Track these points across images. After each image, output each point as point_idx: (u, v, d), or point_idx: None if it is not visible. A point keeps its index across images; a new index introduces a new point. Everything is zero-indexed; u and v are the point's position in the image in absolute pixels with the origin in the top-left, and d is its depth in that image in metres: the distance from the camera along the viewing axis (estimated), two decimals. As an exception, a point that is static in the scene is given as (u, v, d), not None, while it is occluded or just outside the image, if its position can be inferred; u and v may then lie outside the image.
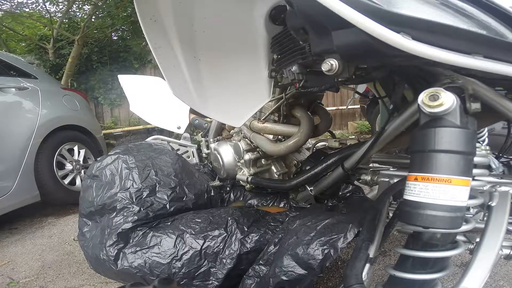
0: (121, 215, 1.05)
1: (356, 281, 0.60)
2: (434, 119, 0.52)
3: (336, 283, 1.26)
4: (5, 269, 1.58)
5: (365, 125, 5.54)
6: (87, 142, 2.56)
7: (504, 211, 0.65)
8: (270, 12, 0.80)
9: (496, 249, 0.62)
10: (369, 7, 0.44)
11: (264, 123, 1.24)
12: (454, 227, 0.51)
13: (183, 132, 2.20)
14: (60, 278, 1.47)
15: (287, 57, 0.78)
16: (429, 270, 0.58)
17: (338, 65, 0.59)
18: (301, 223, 0.87)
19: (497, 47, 0.45)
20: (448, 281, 1.22)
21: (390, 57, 0.47)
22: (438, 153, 0.51)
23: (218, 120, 1.09)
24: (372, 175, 0.93)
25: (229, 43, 0.85)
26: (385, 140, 0.88)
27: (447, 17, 0.47)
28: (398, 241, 1.54)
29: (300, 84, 0.79)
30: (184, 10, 0.76)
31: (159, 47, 0.80)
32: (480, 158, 0.66)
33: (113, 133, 4.91)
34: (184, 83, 0.86)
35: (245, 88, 0.93)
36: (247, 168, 1.36)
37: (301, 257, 0.77)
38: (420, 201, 0.52)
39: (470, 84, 0.57)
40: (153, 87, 2.35)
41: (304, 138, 1.13)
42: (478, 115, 0.53)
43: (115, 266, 0.96)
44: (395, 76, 0.85)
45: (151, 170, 1.16)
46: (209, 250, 0.94)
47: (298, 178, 1.14)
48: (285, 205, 1.36)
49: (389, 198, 0.79)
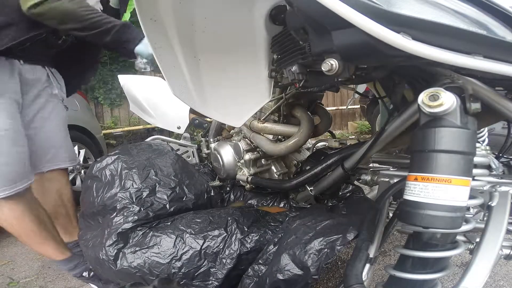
0: (121, 215, 1.05)
1: (356, 281, 0.60)
2: (434, 119, 0.52)
3: (336, 283, 1.26)
4: (5, 269, 1.58)
5: (365, 125, 5.54)
6: (87, 142, 2.56)
7: (504, 211, 0.65)
8: (270, 12, 0.80)
9: (496, 249, 0.62)
10: (369, 7, 0.44)
11: (264, 123, 1.24)
12: (454, 227, 0.51)
13: (183, 132, 2.20)
14: (60, 278, 1.47)
15: (287, 57, 0.78)
16: (429, 270, 0.58)
17: (338, 65, 0.59)
18: (301, 223, 0.87)
19: (497, 47, 0.45)
20: (448, 281, 1.22)
21: (390, 57, 0.47)
22: (438, 153, 0.51)
23: (218, 120, 1.09)
24: (372, 175, 0.93)
25: (229, 43, 0.85)
26: (385, 140, 0.88)
27: (447, 17, 0.47)
28: (398, 241, 1.54)
29: (300, 84, 0.79)
30: (184, 10, 0.76)
31: (159, 47, 0.80)
32: (480, 158, 0.66)
33: (113, 133, 4.90)
34: (184, 83, 0.86)
35: (245, 88, 0.93)
36: (247, 168, 1.36)
37: (298, 256, 0.77)
38: (420, 201, 0.52)
39: (470, 84, 0.57)
40: (153, 87, 2.35)
41: (304, 138, 1.13)
42: (478, 115, 0.53)
43: (114, 266, 0.96)
44: (395, 76, 0.85)
45: (151, 170, 1.16)
46: (209, 250, 0.94)
47: (298, 178, 1.14)
48: (285, 205, 1.36)
49: (389, 198, 0.79)
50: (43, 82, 1.26)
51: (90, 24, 1.04)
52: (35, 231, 1.19)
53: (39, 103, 1.25)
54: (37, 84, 1.24)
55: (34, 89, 1.23)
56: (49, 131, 1.29)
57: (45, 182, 1.32)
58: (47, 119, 1.28)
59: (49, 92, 1.28)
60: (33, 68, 1.22)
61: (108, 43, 1.10)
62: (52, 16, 1.03)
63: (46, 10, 1.02)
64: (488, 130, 1.23)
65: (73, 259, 1.32)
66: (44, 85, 1.26)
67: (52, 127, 1.30)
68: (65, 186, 1.39)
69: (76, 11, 1.03)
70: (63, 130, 1.36)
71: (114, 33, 1.06)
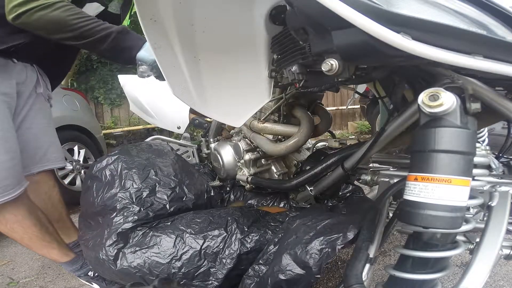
0: (121, 215, 1.05)
1: (356, 281, 0.60)
2: (434, 119, 0.52)
3: (336, 283, 1.26)
4: (5, 269, 1.58)
5: (365, 125, 5.55)
6: (87, 142, 2.56)
7: (504, 211, 0.65)
8: (270, 12, 0.80)
9: (496, 249, 0.62)
10: (369, 7, 0.44)
11: (264, 123, 1.24)
12: (454, 227, 0.51)
13: (183, 132, 2.20)
14: (60, 278, 1.47)
15: (287, 57, 0.78)
16: (429, 270, 0.58)
17: (338, 65, 0.59)
18: (301, 223, 0.87)
19: (497, 47, 0.45)
20: (448, 281, 1.22)
21: (390, 57, 0.47)
22: (438, 153, 0.51)
23: (218, 120, 1.09)
24: (372, 175, 0.93)
25: (229, 43, 0.85)
26: (385, 140, 0.88)
27: (447, 17, 0.47)
28: (398, 241, 1.54)
29: (300, 84, 0.79)
30: (184, 10, 0.76)
31: (159, 47, 0.80)
32: (480, 158, 0.66)
33: (113, 133, 4.91)
34: (184, 83, 0.86)
35: (245, 88, 0.93)
36: (247, 168, 1.36)
37: (299, 256, 0.77)
38: (420, 201, 0.52)
39: (470, 84, 0.57)
40: (153, 87, 2.35)
41: (304, 138, 1.13)
42: (478, 115, 0.53)
43: (114, 266, 0.96)
44: (395, 76, 0.85)
45: (150, 170, 1.16)
46: (209, 250, 0.94)
47: (298, 178, 1.14)
48: (285, 205, 1.36)
49: (389, 198, 0.79)
50: (34, 81, 1.21)
51: (82, 32, 0.96)
52: (38, 235, 1.18)
53: (29, 103, 1.21)
54: (30, 83, 1.20)
55: (27, 89, 1.19)
56: (37, 131, 1.24)
57: (33, 184, 1.26)
58: (34, 118, 1.23)
59: (36, 91, 1.23)
60: (25, 66, 1.17)
61: (104, 52, 1.01)
62: (38, 26, 0.95)
63: (32, 20, 0.93)
64: (488, 130, 1.23)
65: (78, 260, 1.31)
66: (34, 84, 1.22)
67: (41, 127, 1.25)
68: (53, 187, 1.36)
69: (65, 20, 0.94)
70: (50, 130, 1.31)
71: (110, 41, 0.98)
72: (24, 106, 1.19)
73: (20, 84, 1.16)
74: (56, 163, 1.33)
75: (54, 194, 1.37)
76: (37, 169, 1.26)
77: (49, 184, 1.35)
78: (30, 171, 1.24)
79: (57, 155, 1.33)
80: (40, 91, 1.24)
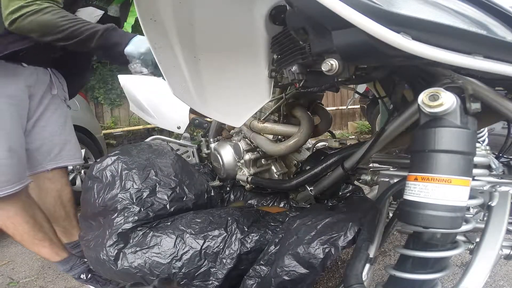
0: (121, 216, 1.05)
1: (356, 281, 0.60)
2: (434, 119, 0.52)
3: (336, 283, 1.26)
4: (5, 269, 1.58)
5: (365, 125, 5.55)
6: (87, 142, 2.56)
7: (504, 211, 0.65)
8: (270, 12, 0.80)
9: (496, 249, 0.62)
10: (369, 7, 0.44)
11: (264, 123, 1.24)
12: (454, 227, 0.51)
13: (183, 132, 2.20)
14: (60, 278, 1.47)
15: (287, 57, 0.78)
16: (429, 270, 0.58)
17: (338, 65, 0.59)
18: (301, 223, 0.88)
19: (497, 47, 0.45)
20: (448, 281, 1.22)
21: (390, 57, 0.47)
22: (438, 153, 0.51)
23: (218, 120, 1.09)
24: (372, 175, 0.93)
25: (229, 43, 0.85)
26: (385, 140, 0.88)
27: (447, 17, 0.47)
28: (398, 241, 1.54)
29: (300, 84, 0.79)
30: (184, 10, 0.76)
31: (159, 47, 0.80)
32: (480, 158, 0.66)
33: (113, 133, 4.90)
34: (184, 83, 0.86)
35: (245, 88, 0.93)
36: (247, 168, 1.36)
37: (302, 256, 0.77)
38: (420, 201, 0.52)
39: (470, 84, 0.57)
40: (153, 87, 2.35)
41: (304, 138, 1.13)
42: (478, 115, 0.53)
43: (115, 266, 0.96)
44: (395, 76, 0.85)
45: (151, 170, 1.16)
46: (209, 250, 0.94)
47: (298, 178, 1.14)
48: (285, 205, 1.36)
49: (389, 198, 0.79)
50: (47, 83, 1.28)
51: (70, 33, 1.00)
52: (29, 232, 1.20)
53: (44, 104, 1.27)
54: (42, 85, 1.26)
55: (40, 90, 1.25)
56: (53, 130, 1.30)
57: (46, 181, 1.32)
58: (50, 117, 1.30)
59: (51, 92, 1.30)
60: (36, 69, 1.23)
61: (94, 50, 1.06)
62: (31, 29, 1.00)
63: (24, 24, 0.99)
64: (488, 130, 1.23)
65: (69, 261, 1.32)
66: (48, 86, 1.28)
67: (56, 126, 1.31)
68: (65, 186, 1.40)
69: (54, 22, 0.99)
70: (67, 128, 1.37)
71: (97, 39, 1.02)
72: (39, 107, 1.26)
73: (31, 87, 1.21)
74: (71, 161, 1.38)
75: (65, 193, 1.40)
76: (51, 166, 1.31)
77: (62, 182, 1.38)
78: (44, 167, 1.30)
79: (72, 153, 1.38)
80: (54, 92, 1.31)
